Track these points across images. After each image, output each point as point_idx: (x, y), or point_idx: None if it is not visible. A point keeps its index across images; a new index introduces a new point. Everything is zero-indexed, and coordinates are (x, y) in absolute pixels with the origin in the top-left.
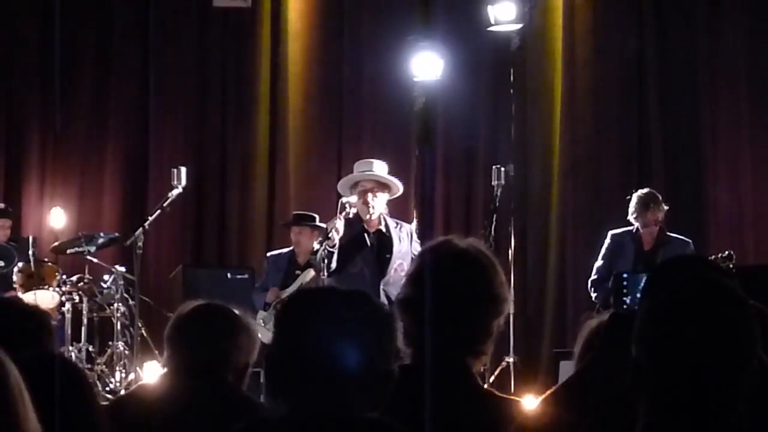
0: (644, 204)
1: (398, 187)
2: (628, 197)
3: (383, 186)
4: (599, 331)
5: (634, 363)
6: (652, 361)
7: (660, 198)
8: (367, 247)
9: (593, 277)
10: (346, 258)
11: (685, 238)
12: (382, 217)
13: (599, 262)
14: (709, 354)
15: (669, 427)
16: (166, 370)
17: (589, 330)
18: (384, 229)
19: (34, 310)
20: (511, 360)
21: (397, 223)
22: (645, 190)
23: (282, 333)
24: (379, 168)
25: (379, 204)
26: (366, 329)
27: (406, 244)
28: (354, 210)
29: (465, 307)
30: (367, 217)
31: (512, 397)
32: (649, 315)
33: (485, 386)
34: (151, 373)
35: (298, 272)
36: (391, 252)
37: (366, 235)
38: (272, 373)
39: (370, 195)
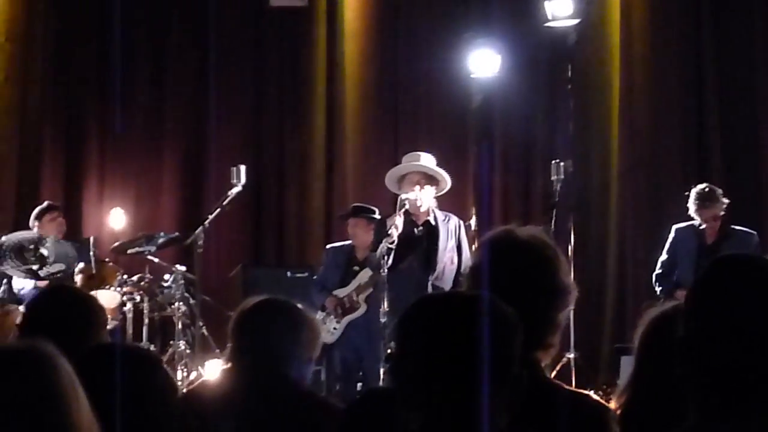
0: (701, 200)
1: (446, 180)
2: (687, 192)
3: (431, 179)
4: (663, 319)
5: (679, 339)
6: (694, 333)
7: (718, 193)
8: (416, 240)
9: (658, 271)
10: (399, 252)
11: (750, 230)
12: (431, 209)
13: (664, 257)
14: (749, 327)
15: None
16: (229, 365)
17: (650, 319)
18: (432, 221)
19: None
20: (572, 356)
21: (445, 216)
22: (702, 186)
23: (404, 345)
24: (426, 160)
25: (427, 196)
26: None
27: (453, 238)
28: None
29: (530, 299)
30: (418, 207)
31: (582, 391)
32: (696, 287)
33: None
34: (213, 371)
35: (356, 268)
36: (437, 244)
37: (415, 228)
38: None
39: (418, 187)
